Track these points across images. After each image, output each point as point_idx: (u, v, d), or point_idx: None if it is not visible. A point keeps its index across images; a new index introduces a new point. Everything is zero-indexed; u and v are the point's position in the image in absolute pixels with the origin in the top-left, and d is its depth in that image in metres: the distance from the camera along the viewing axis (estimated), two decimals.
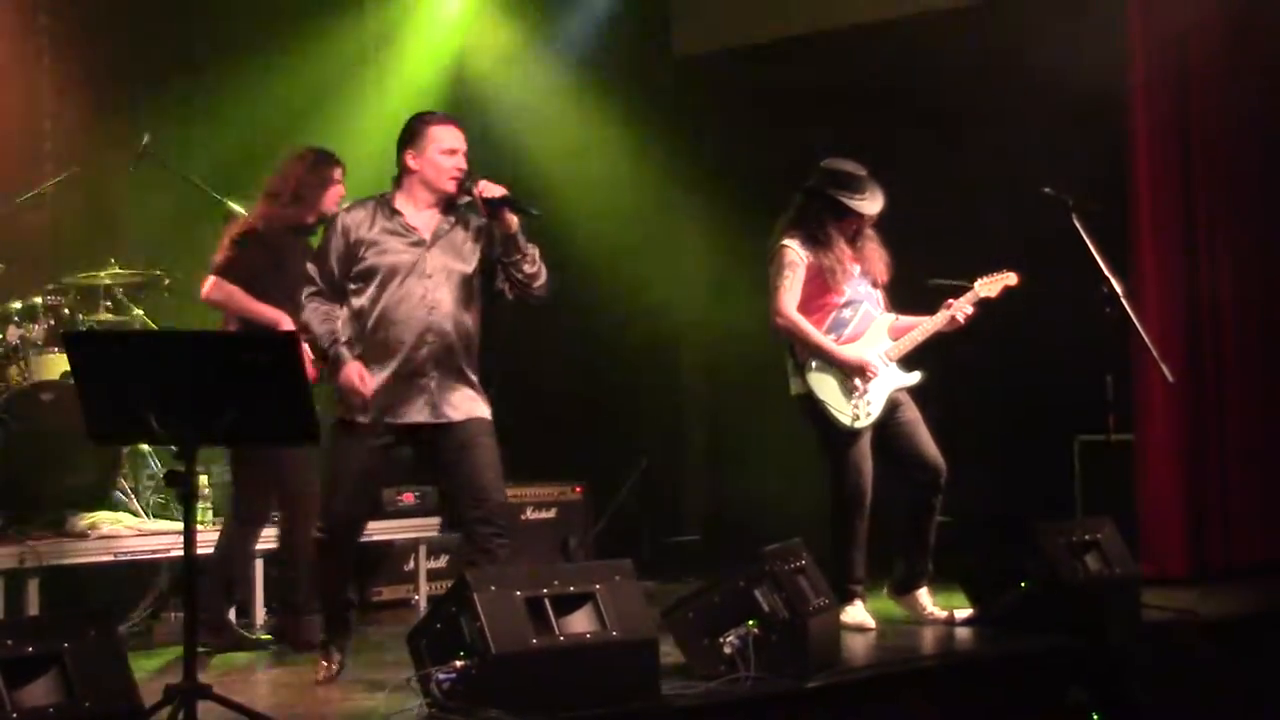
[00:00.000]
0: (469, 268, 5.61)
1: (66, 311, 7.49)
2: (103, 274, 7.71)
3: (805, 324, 6.60)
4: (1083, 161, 8.00)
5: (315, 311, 5.58)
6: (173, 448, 4.60)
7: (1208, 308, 7.91)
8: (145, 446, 7.38)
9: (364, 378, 5.47)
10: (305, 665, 5.99)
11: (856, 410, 6.59)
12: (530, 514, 8.39)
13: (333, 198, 6.48)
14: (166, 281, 8.09)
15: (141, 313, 7.80)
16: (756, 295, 6.87)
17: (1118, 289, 6.84)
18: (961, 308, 6.70)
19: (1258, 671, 6.23)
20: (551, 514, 8.50)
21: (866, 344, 6.66)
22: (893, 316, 6.77)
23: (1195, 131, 7.93)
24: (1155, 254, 7.87)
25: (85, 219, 8.54)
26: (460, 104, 9.49)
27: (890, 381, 6.67)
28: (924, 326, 6.71)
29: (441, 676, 4.82)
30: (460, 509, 5.55)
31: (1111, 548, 6.53)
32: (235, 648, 6.46)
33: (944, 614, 6.67)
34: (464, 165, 5.62)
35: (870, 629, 6.55)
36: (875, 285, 6.78)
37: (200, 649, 5.33)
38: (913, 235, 6.95)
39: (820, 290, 6.64)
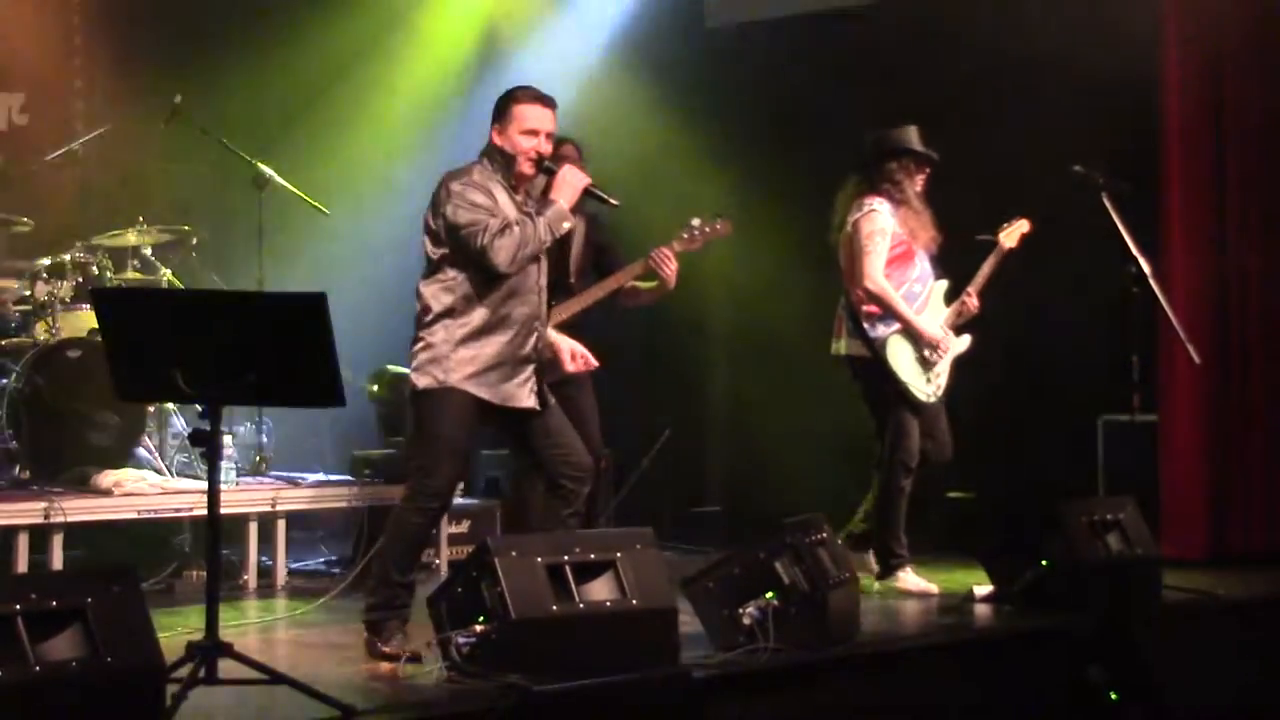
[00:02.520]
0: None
1: (95, 269, 7.51)
2: (131, 233, 7.74)
3: (894, 293, 6.69)
4: (1113, 142, 7.95)
5: (509, 231, 5.22)
6: (198, 406, 4.61)
7: (1236, 290, 7.87)
8: (170, 405, 7.41)
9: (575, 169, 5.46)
10: (326, 626, 6.02)
11: (930, 385, 6.76)
12: None
13: None
14: (194, 241, 8.12)
15: (169, 272, 7.82)
16: (781, 265, 6.88)
17: (1146, 269, 6.84)
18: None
19: (1276, 654, 6.22)
20: None
21: (931, 316, 6.80)
22: (944, 283, 6.90)
23: (1228, 114, 7.87)
24: (1184, 235, 7.84)
25: (115, 178, 8.57)
26: (488, 72, 9.49)
27: (953, 351, 6.85)
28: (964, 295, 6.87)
29: (461, 640, 4.84)
30: (558, 476, 5.45)
31: (1133, 528, 6.53)
32: None
33: None
34: (545, 148, 5.42)
35: (934, 594, 6.66)
36: (927, 252, 6.88)
37: None
38: (937, 214, 6.93)
39: (899, 263, 6.72)
